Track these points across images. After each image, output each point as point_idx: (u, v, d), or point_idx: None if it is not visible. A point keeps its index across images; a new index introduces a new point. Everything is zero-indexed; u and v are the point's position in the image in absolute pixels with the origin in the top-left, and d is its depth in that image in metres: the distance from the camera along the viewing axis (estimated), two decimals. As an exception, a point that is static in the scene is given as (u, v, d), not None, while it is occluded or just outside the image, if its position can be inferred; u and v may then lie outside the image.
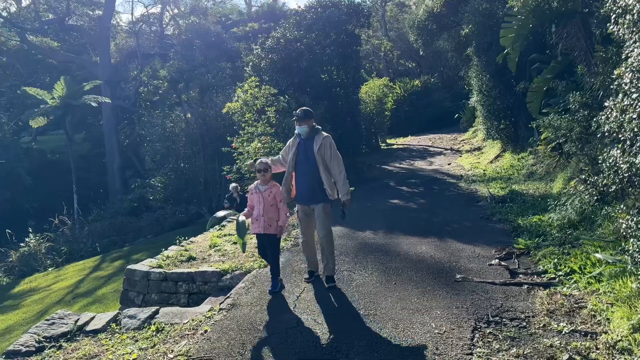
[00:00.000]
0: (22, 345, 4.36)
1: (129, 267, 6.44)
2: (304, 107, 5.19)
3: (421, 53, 21.88)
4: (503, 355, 3.41)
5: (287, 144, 5.34)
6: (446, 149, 18.91)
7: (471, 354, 3.46)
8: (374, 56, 32.54)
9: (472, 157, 15.81)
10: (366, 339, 3.82)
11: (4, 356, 4.29)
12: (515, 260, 5.44)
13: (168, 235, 16.10)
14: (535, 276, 4.88)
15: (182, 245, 7.70)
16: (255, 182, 5.22)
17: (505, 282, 4.78)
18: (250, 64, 14.80)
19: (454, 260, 5.64)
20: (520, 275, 4.96)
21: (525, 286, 4.63)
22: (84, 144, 32.02)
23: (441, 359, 3.42)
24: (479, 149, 16.78)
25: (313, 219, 5.27)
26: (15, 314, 11.12)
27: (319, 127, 5.22)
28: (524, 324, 3.86)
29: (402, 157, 18.32)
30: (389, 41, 31.46)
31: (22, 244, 17.04)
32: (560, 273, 4.77)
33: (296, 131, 5.23)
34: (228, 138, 13.45)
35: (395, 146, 21.66)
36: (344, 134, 13.80)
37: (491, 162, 13.65)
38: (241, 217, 5.10)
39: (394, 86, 25.95)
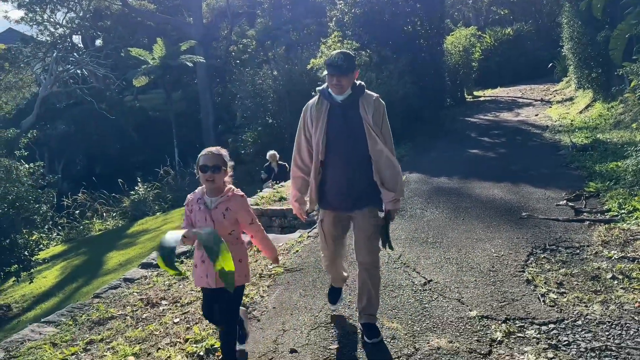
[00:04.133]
0: (154, 259, 5.47)
1: (262, 189, 7.52)
2: (343, 50, 3.09)
3: (513, -1, 20.92)
4: (552, 273, 3.89)
5: (302, 122, 3.23)
6: (536, 100, 18.34)
7: (523, 271, 3.97)
8: (462, 4, 31.36)
9: (562, 107, 15.33)
10: (432, 259, 4.44)
11: (140, 266, 5.42)
12: (584, 201, 5.70)
13: (259, 184, 17.38)
14: (599, 214, 5.17)
15: (274, 189, 8.64)
16: (199, 188, 2.92)
17: (568, 219, 5.13)
18: (334, 18, 15.21)
19: (523, 202, 6.01)
20: (585, 214, 5.26)
21: (587, 222, 4.96)
22: (180, 102, 34.31)
23: (495, 274, 3.97)
24: (570, 99, 16.18)
25: (343, 239, 3.36)
26: (132, 249, 12.86)
27: (363, 83, 3.13)
28: (577, 251, 4.27)
29: (487, 109, 18.06)
30: (479, -12, 30.12)
31: (132, 192, 19.09)
32: (623, 211, 5.03)
33: (319, 94, 3.19)
34: (312, 94, 14.15)
35: (482, 98, 21.25)
36: (426, 86, 13.96)
37: (580, 112, 13.25)
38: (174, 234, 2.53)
39: (483, 35, 25.09)
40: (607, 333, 3.01)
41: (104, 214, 17.92)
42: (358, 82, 3.11)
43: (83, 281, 10.75)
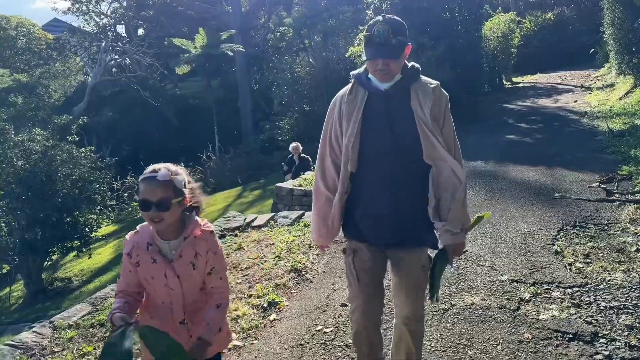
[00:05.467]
0: (209, 232, 6.04)
1: (277, 185, 7.99)
2: (389, 18, 2.15)
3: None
4: (580, 246, 4.22)
5: (329, 122, 2.35)
6: (576, 87, 18.16)
7: (552, 244, 4.32)
8: (502, -11, 30.85)
9: (602, 94, 15.20)
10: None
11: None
12: (616, 183, 5.94)
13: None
14: (630, 195, 5.43)
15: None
16: (143, 226, 2.00)
17: (599, 199, 5.41)
18: (372, 6, 15.47)
19: (556, 184, 6.28)
20: (616, 195, 5.52)
21: (617, 202, 5.23)
22: (219, 90, 35.16)
23: (526, 247, 4.33)
24: (611, 85, 15.99)
25: (379, 281, 2.39)
26: (180, 229, 13.63)
27: (417, 65, 2.29)
28: (606, 228, 4.58)
29: (526, 95, 18.01)
30: (519, -28, 29.59)
31: (177, 177, 19.80)
32: (653, 192, 5.28)
33: (353, 80, 2.32)
34: (350, 80, 14.49)
35: (520, 85, 21.11)
36: (463, 72, 14.11)
37: (620, 98, 13.16)
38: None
39: (523, 21, 24.76)
40: (626, 295, 3.36)
41: (151, 196, 18.74)
42: (410, 64, 2.24)
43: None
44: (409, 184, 2.21)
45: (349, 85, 2.32)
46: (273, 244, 5.28)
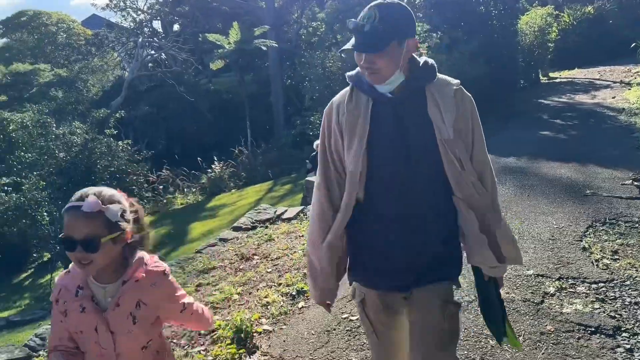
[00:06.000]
0: (242, 224, 6.23)
1: (307, 178, 8.16)
2: (388, 1, 1.64)
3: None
4: (608, 243, 4.21)
5: (325, 134, 1.84)
6: (615, 82, 17.67)
7: (580, 241, 4.32)
8: (539, -18, 30.14)
9: (642, 89, 14.78)
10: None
11: (231, 229, 6.20)
12: (650, 181, 5.85)
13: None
14: (664, 193, 5.34)
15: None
16: (73, 265, 1.54)
17: (631, 196, 5.34)
18: (404, 0, 15.42)
19: (588, 181, 6.22)
20: (649, 192, 5.44)
21: (650, 200, 5.16)
22: (252, 85, 35.61)
23: (554, 242, 4.35)
24: (652, 81, 15.52)
25: (404, 332, 1.88)
26: (212, 221, 13.96)
27: (432, 61, 1.76)
28: (637, 225, 4.54)
29: (562, 90, 17.63)
30: (557, -36, 28.83)
31: (209, 170, 20.34)
32: (688, 190, 5.18)
33: (350, 84, 1.80)
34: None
35: (557, 80, 20.66)
36: (498, 67, 13.93)
37: (661, 94, 12.78)
38: None
39: (562, 15, 24.17)
40: (653, 292, 3.36)
41: (185, 189, 19.27)
42: (423, 60, 1.74)
43: (170, 247, 11.93)
44: (430, 213, 1.73)
45: (347, 90, 1.79)
46: (302, 235, 5.42)
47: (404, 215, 1.72)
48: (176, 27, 36.87)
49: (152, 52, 26.71)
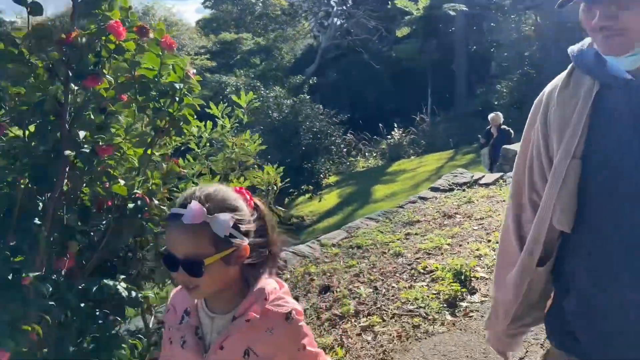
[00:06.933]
0: (440, 185, 6.62)
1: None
2: None
3: None
4: None
5: (530, 132, 1.24)
6: None
7: None
8: None
9: None
10: None
11: (430, 189, 6.64)
12: None
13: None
14: None
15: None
16: (177, 290, 1.27)
17: None
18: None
19: None
20: None
21: None
22: (434, 52, 35.04)
23: None
24: None
25: None
26: (395, 184, 14.58)
27: None
28: None
29: None
30: None
31: (388, 136, 20.94)
32: None
33: (571, 64, 1.17)
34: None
35: None
36: None
37: None
38: None
39: None
40: None
41: (366, 153, 20.22)
42: None
43: (357, 205, 12.88)
44: None
45: (565, 72, 1.22)
46: (503, 201, 5.61)
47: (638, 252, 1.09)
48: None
49: (343, 20, 27.95)
